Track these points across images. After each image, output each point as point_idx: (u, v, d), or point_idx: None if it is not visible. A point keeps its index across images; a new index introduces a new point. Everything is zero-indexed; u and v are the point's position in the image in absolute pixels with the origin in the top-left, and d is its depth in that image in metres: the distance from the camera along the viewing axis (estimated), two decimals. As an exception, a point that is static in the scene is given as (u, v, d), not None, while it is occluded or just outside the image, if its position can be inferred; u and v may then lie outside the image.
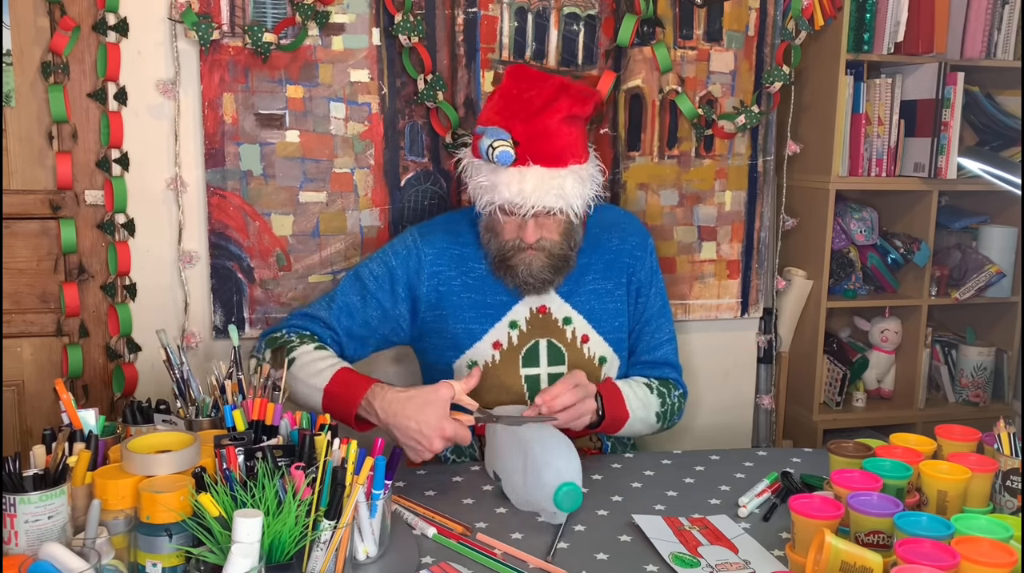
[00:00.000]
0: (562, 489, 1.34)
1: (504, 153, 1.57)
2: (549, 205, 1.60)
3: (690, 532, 1.35)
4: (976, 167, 2.52)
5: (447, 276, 1.74)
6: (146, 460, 1.13)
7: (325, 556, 1.09)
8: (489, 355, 1.73)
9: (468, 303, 1.74)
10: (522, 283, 1.67)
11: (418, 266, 1.74)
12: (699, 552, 1.29)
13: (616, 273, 1.79)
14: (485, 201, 1.64)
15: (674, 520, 1.38)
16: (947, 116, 2.43)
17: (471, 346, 1.73)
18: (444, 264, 1.74)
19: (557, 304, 1.75)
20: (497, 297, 1.74)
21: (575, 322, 1.75)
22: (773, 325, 2.50)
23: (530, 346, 1.73)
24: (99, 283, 2.00)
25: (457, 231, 1.78)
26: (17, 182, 1.93)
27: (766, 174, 2.36)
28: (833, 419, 2.59)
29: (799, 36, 2.28)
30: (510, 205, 1.61)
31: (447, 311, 1.74)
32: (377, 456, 1.20)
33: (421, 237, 1.77)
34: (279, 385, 1.44)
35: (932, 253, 2.60)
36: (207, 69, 1.96)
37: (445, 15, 2.07)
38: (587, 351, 1.76)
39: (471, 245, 1.76)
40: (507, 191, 1.59)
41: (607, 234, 1.81)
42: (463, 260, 1.75)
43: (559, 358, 1.74)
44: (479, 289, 1.74)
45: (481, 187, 1.64)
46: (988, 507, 1.32)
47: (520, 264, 1.65)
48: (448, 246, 1.76)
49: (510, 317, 1.73)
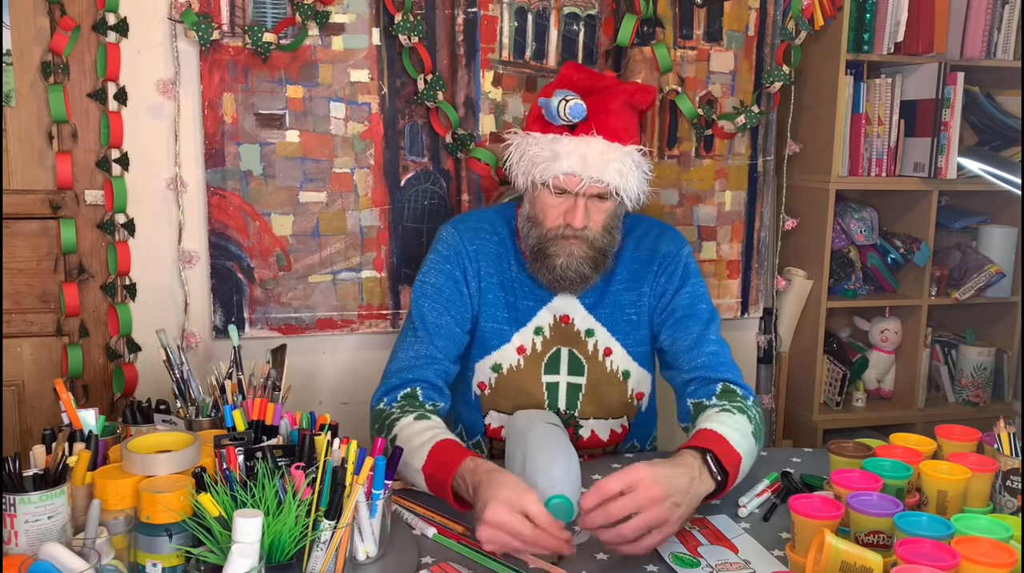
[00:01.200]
0: (552, 501, 1.29)
1: (577, 106, 1.53)
2: (608, 180, 1.54)
3: (690, 532, 1.35)
4: (976, 167, 2.52)
5: (487, 272, 1.68)
6: (146, 460, 1.13)
7: (325, 556, 1.09)
8: (514, 359, 1.68)
9: (502, 303, 1.68)
10: (560, 277, 1.60)
11: (465, 261, 1.67)
12: (699, 552, 1.28)
13: (639, 283, 1.70)
14: (540, 172, 1.56)
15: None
16: (947, 116, 2.43)
17: (498, 348, 1.68)
18: (484, 259, 1.68)
19: (581, 315, 1.69)
20: (526, 301, 1.68)
21: (597, 334, 1.69)
22: (773, 325, 2.50)
23: (552, 354, 1.69)
24: (99, 283, 2.00)
25: (492, 229, 1.71)
26: (17, 182, 1.93)
27: (766, 174, 2.36)
28: (833, 419, 2.59)
29: (799, 36, 2.28)
30: (567, 176, 1.55)
31: (483, 308, 1.68)
32: (377, 456, 1.20)
33: (460, 234, 1.69)
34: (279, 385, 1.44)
35: (932, 253, 2.60)
36: (207, 69, 1.96)
37: (445, 15, 2.07)
38: (609, 365, 1.70)
39: (504, 243, 1.70)
40: (568, 160, 1.53)
41: (635, 244, 1.72)
42: (499, 258, 1.69)
43: (579, 369, 1.69)
44: (511, 290, 1.69)
45: (538, 159, 1.57)
46: (988, 507, 1.32)
47: (561, 254, 1.58)
48: (486, 243, 1.69)
49: (535, 322, 1.68)
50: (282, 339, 2.02)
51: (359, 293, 2.13)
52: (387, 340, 2.19)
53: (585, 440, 1.71)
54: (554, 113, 1.55)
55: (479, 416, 1.73)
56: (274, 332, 2.09)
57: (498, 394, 1.69)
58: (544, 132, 1.59)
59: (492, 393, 1.70)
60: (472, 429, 1.75)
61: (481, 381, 1.70)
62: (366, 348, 2.18)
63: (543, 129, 1.60)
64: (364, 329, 2.15)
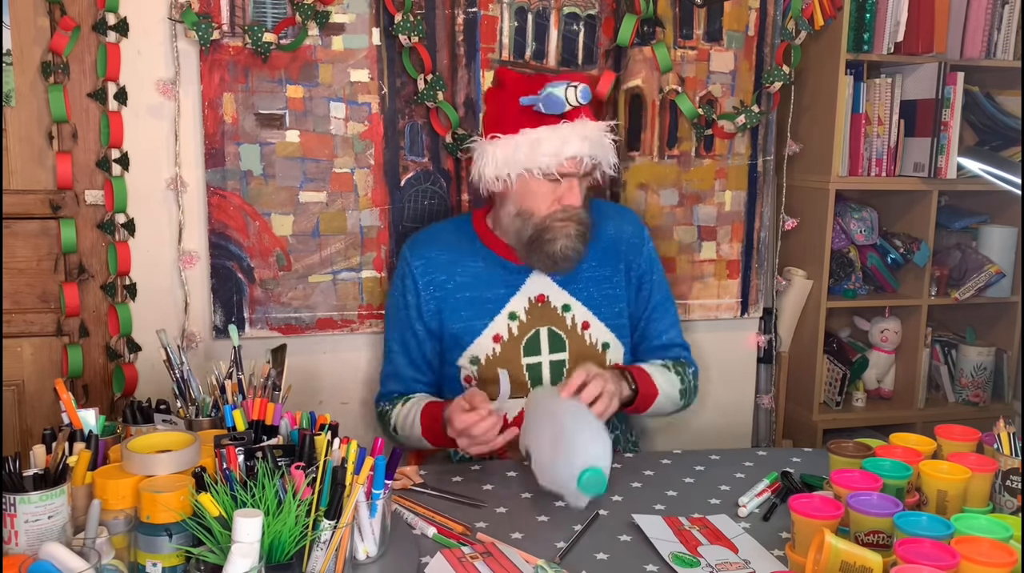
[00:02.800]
0: (586, 473, 1.36)
1: (586, 89, 1.65)
2: (604, 156, 1.70)
3: (690, 532, 1.35)
4: (976, 167, 2.52)
5: (440, 281, 1.80)
6: (146, 460, 1.13)
7: (325, 556, 1.09)
8: (489, 349, 1.76)
9: (464, 302, 1.78)
10: (561, 258, 1.70)
11: (413, 280, 1.81)
12: (699, 552, 1.29)
13: (613, 260, 1.83)
14: (544, 164, 1.65)
15: (674, 520, 1.38)
16: (947, 116, 2.43)
17: (471, 342, 1.77)
18: (434, 270, 1.80)
19: (555, 291, 1.78)
20: (494, 290, 1.78)
21: (574, 309, 1.78)
22: (773, 325, 2.50)
23: (531, 335, 1.77)
24: (99, 283, 2.00)
25: (443, 238, 1.84)
26: (17, 182, 1.93)
27: (766, 174, 2.36)
28: (833, 419, 2.59)
29: (799, 36, 2.28)
30: (571, 161, 1.66)
31: (445, 314, 1.79)
32: (377, 456, 1.20)
33: (409, 251, 1.84)
34: (279, 385, 1.44)
35: (932, 253, 2.60)
36: (207, 69, 1.96)
37: (445, 15, 2.07)
38: (588, 338, 1.79)
39: (458, 247, 1.82)
40: (575, 144, 1.65)
41: (602, 222, 1.84)
42: (454, 263, 1.81)
43: (560, 345, 1.77)
44: (474, 286, 1.78)
45: (541, 150, 1.65)
46: (988, 507, 1.32)
47: (558, 237, 1.68)
48: (437, 253, 1.82)
49: (509, 309, 1.77)
50: (282, 339, 2.02)
51: (359, 293, 2.13)
52: (387, 340, 2.19)
53: None
54: (563, 100, 1.64)
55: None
56: (274, 332, 2.08)
57: (481, 383, 1.77)
58: (535, 127, 1.67)
59: (479, 384, 1.77)
60: None
61: (466, 375, 1.79)
62: (366, 348, 2.18)
63: (533, 124, 1.68)
64: (364, 329, 2.15)
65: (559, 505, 1.44)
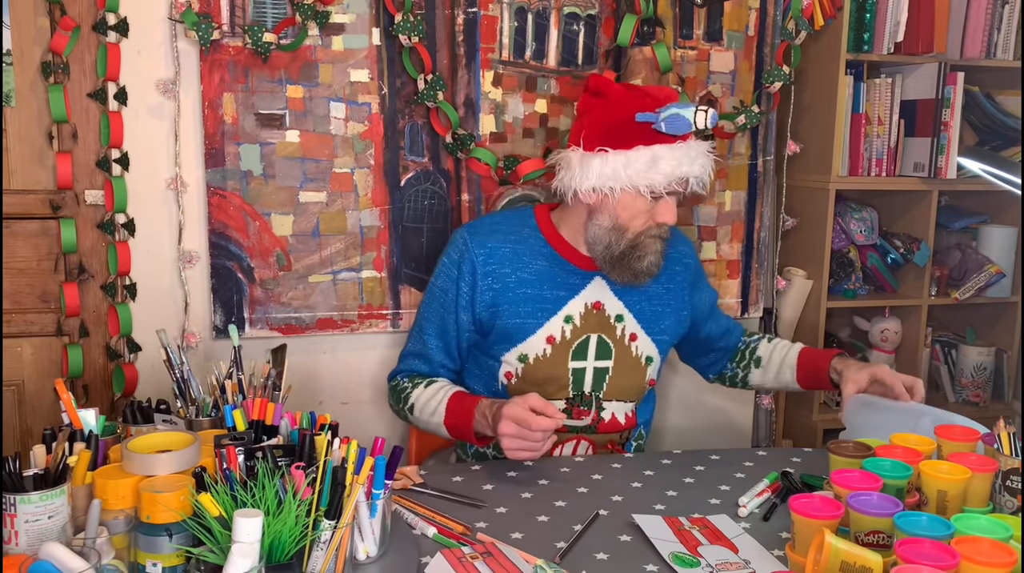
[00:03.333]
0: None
1: (715, 115, 1.67)
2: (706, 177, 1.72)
3: (690, 532, 1.35)
4: (976, 167, 2.52)
5: (502, 273, 1.76)
6: (146, 460, 1.13)
7: (325, 556, 1.09)
8: (541, 349, 1.75)
9: (523, 298, 1.75)
10: (646, 273, 1.71)
11: (472, 268, 1.76)
12: (699, 552, 1.29)
13: (665, 279, 1.82)
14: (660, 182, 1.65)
15: (674, 520, 1.38)
16: (947, 116, 2.43)
17: (524, 340, 1.75)
18: (497, 262, 1.76)
19: (611, 301, 1.78)
20: (555, 291, 1.76)
21: (626, 320, 1.79)
22: (773, 325, 2.50)
23: (581, 340, 1.76)
24: (99, 283, 2.00)
25: (507, 230, 1.80)
26: (17, 182, 1.93)
27: (766, 174, 2.36)
28: (833, 419, 2.59)
29: (799, 36, 2.28)
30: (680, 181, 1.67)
31: (502, 307, 1.75)
32: (377, 456, 1.20)
33: (471, 237, 1.78)
34: (279, 385, 1.44)
35: (932, 253, 2.60)
36: (207, 69, 1.96)
37: (445, 15, 2.07)
38: (635, 349, 1.79)
39: (524, 242, 1.78)
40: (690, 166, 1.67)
41: None
42: (517, 256, 1.77)
43: (607, 353, 1.77)
44: (535, 284, 1.76)
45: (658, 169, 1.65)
46: (988, 507, 1.32)
47: (649, 252, 1.70)
48: (499, 244, 1.77)
49: (566, 311, 1.76)
50: (282, 339, 2.02)
51: (359, 293, 2.13)
52: (387, 340, 2.19)
53: (606, 422, 1.78)
54: (690, 123, 1.66)
55: None
56: (274, 332, 2.09)
57: (524, 382, 1.75)
58: (648, 145, 1.67)
59: (518, 382, 1.76)
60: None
61: (508, 371, 1.77)
62: (366, 348, 2.18)
63: (647, 142, 1.67)
64: (364, 329, 2.15)
65: (559, 505, 1.45)
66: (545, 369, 1.75)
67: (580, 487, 1.52)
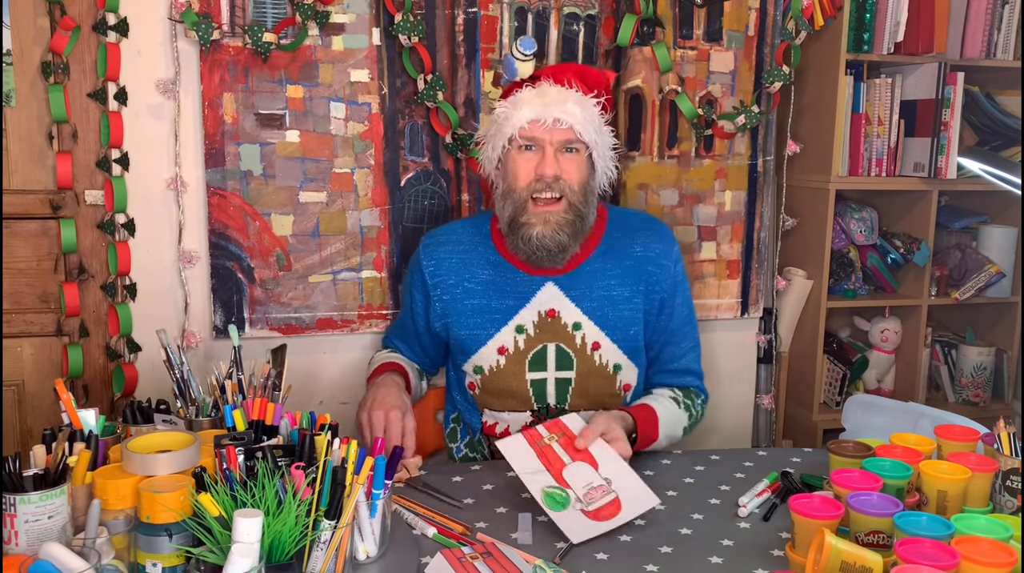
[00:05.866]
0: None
1: (527, 40, 1.65)
2: (569, 119, 1.57)
3: (550, 447, 1.42)
4: (976, 167, 2.52)
5: (448, 285, 1.73)
6: (146, 460, 1.13)
7: (325, 556, 1.09)
8: (494, 360, 1.71)
9: (471, 309, 1.72)
10: (536, 247, 1.60)
11: (422, 278, 1.76)
12: (564, 477, 1.36)
13: (634, 281, 1.71)
14: (508, 130, 1.60)
15: (533, 433, 1.46)
16: (947, 116, 2.43)
17: (476, 351, 1.72)
18: (444, 273, 1.74)
19: (567, 308, 1.70)
20: (503, 301, 1.71)
21: (585, 328, 1.70)
22: (773, 325, 2.50)
23: (537, 350, 1.70)
24: (99, 283, 2.00)
25: (459, 239, 1.76)
26: (17, 182, 1.93)
27: (766, 174, 2.36)
28: (833, 419, 2.59)
29: (799, 36, 2.28)
30: (532, 123, 1.58)
31: (451, 318, 1.73)
32: (377, 456, 1.20)
33: (423, 249, 1.77)
34: (279, 385, 1.44)
35: (932, 253, 2.60)
36: (207, 69, 1.96)
37: (445, 15, 2.07)
38: (598, 358, 1.71)
39: (472, 251, 1.74)
40: (529, 107, 1.58)
41: (628, 239, 1.74)
42: (465, 266, 1.73)
43: (568, 364, 1.70)
44: (483, 294, 1.71)
45: (502, 119, 1.62)
46: (988, 507, 1.32)
47: (536, 222, 1.59)
48: (447, 255, 1.74)
49: (516, 321, 1.70)
50: (282, 339, 2.02)
51: (359, 293, 2.13)
52: (387, 340, 2.19)
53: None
54: (512, 63, 1.65)
55: (477, 414, 1.79)
56: (274, 332, 2.09)
57: (486, 393, 1.74)
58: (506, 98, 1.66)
59: (482, 393, 1.74)
60: (473, 427, 1.80)
61: (470, 382, 1.76)
62: (366, 348, 2.18)
63: (505, 95, 1.66)
64: (364, 329, 2.15)
65: (559, 505, 1.45)
66: (500, 381, 1.71)
67: (580, 487, 1.52)
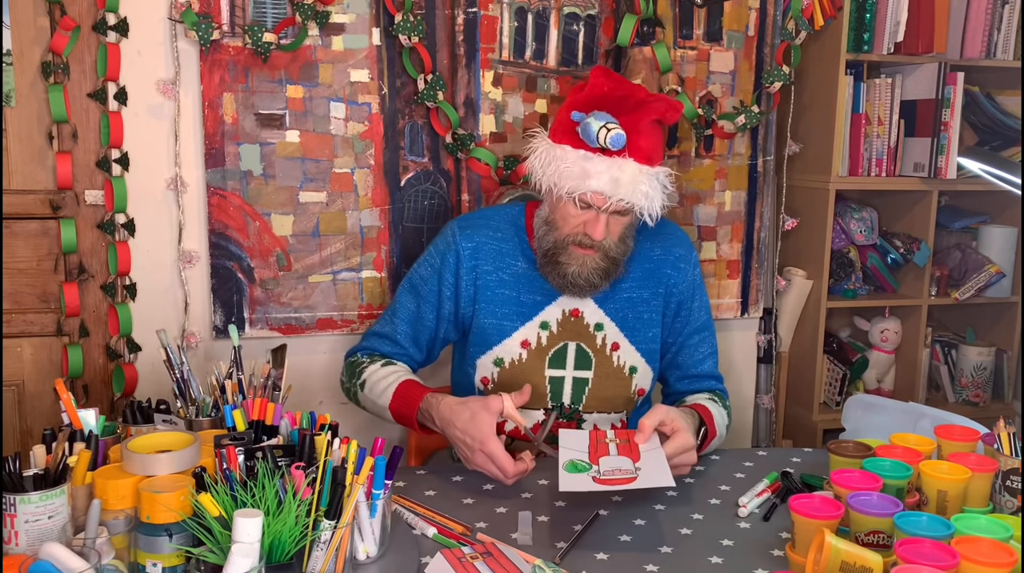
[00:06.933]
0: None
1: (618, 136, 1.55)
2: (637, 202, 1.59)
3: (606, 444, 1.42)
4: (976, 167, 2.52)
5: (484, 270, 1.72)
6: (146, 460, 1.13)
7: (325, 556, 1.09)
8: (516, 353, 1.71)
9: (502, 299, 1.72)
10: (569, 283, 1.64)
11: (457, 260, 1.72)
12: (599, 460, 1.36)
13: (654, 284, 1.75)
14: (568, 188, 1.58)
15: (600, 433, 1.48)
16: (947, 116, 2.43)
17: (499, 342, 1.71)
18: (482, 258, 1.72)
19: (591, 309, 1.72)
20: (532, 296, 1.72)
21: (607, 329, 1.72)
22: (773, 325, 2.50)
23: (558, 348, 1.71)
24: (99, 283, 2.00)
25: (496, 226, 1.75)
26: (17, 182, 1.93)
27: (766, 174, 2.36)
28: (833, 419, 2.59)
29: (799, 36, 2.28)
30: (595, 194, 1.58)
31: (481, 305, 1.72)
32: (377, 456, 1.20)
33: (460, 231, 1.74)
34: (279, 385, 1.44)
35: (932, 253, 2.60)
36: (207, 69, 1.96)
37: (445, 15, 2.07)
38: (616, 359, 1.73)
39: (509, 241, 1.74)
40: (599, 180, 1.56)
41: (648, 243, 1.76)
42: (501, 255, 1.73)
43: (587, 363, 1.72)
44: (514, 286, 1.72)
45: (567, 174, 1.58)
46: (988, 507, 1.32)
47: (572, 263, 1.62)
48: (486, 240, 1.73)
49: (542, 317, 1.71)
50: (282, 339, 2.02)
51: (359, 293, 2.13)
52: (387, 340, 2.19)
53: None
54: (593, 137, 1.57)
55: None
56: (274, 332, 2.09)
57: (501, 389, 1.70)
58: (576, 147, 1.60)
59: (496, 388, 1.72)
60: None
61: (484, 376, 1.73)
62: (366, 348, 2.18)
63: (574, 144, 1.60)
64: (364, 329, 2.15)
65: (559, 505, 1.44)
66: (521, 375, 1.71)
67: (580, 487, 1.52)
